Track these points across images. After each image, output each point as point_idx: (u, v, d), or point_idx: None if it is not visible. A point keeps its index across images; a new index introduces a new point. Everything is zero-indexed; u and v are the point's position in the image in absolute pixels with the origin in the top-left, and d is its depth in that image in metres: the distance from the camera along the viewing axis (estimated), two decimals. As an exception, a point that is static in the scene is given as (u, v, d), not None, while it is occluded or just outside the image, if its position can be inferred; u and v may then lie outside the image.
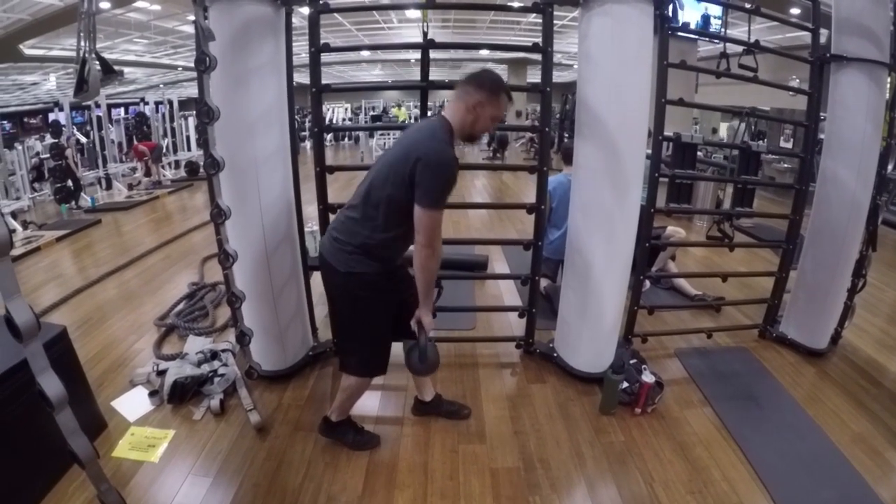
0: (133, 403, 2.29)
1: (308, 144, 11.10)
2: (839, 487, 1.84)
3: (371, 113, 19.15)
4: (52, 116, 9.86)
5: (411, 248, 1.63)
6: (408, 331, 1.83)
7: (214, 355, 2.50)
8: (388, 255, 1.70)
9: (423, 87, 2.37)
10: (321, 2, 2.20)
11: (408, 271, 1.82)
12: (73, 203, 6.44)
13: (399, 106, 19.36)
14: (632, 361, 2.37)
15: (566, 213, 2.51)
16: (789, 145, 7.54)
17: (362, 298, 1.69)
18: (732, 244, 2.94)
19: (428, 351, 1.77)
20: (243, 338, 2.06)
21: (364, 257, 1.64)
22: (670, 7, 2.17)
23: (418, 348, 1.77)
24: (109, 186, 7.74)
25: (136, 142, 8.73)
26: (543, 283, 3.18)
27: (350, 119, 18.85)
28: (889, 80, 2.37)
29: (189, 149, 10.15)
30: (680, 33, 2.36)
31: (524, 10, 2.43)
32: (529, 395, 2.39)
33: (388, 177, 1.58)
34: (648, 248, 2.53)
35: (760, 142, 4.37)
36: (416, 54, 2.61)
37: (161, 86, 17.16)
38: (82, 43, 1.87)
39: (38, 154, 7.00)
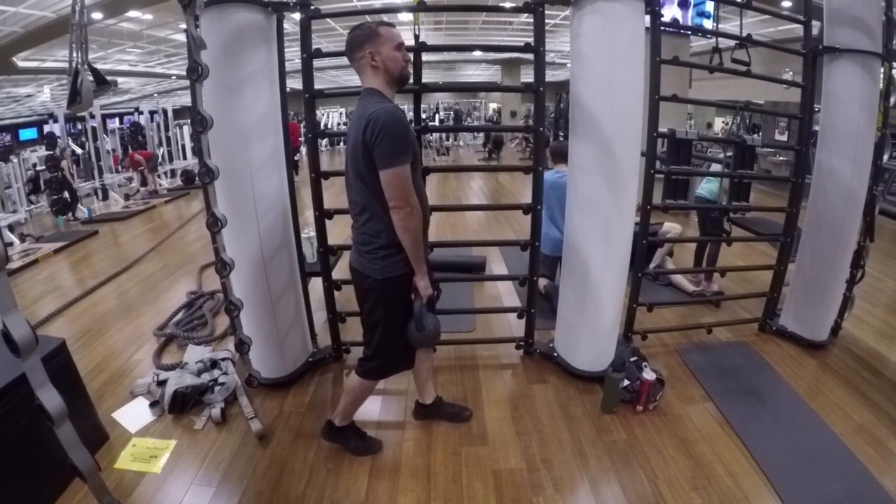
0: (134, 414, 2.28)
1: (303, 150, 11.10)
2: (844, 479, 1.84)
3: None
4: (46, 128, 9.84)
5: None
6: None
7: (214, 364, 2.50)
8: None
9: (417, 91, 2.37)
10: (312, 7, 2.20)
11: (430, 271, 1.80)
12: (70, 214, 6.43)
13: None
14: (632, 359, 2.36)
15: (560, 210, 2.50)
16: (784, 138, 7.57)
17: (398, 300, 1.69)
18: (730, 238, 2.95)
19: (425, 320, 1.65)
20: (242, 346, 2.06)
21: (395, 257, 1.63)
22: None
23: (414, 316, 1.66)
24: (106, 197, 7.74)
25: (131, 151, 8.72)
26: (542, 282, 3.18)
27: (345, 123, 18.88)
28: (882, 70, 2.37)
29: (185, 157, 10.15)
30: (672, 29, 2.36)
31: (516, 10, 2.42)
32: (530, 396, 2.39)
33: (351, 160, 1.59)
34: (646, 244, 2.53)
35: (755, 135, 4.38)
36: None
37: (155, 95, 17.16)
38: (75, 54, 1.87)
39: (34, 166, 6.99)
